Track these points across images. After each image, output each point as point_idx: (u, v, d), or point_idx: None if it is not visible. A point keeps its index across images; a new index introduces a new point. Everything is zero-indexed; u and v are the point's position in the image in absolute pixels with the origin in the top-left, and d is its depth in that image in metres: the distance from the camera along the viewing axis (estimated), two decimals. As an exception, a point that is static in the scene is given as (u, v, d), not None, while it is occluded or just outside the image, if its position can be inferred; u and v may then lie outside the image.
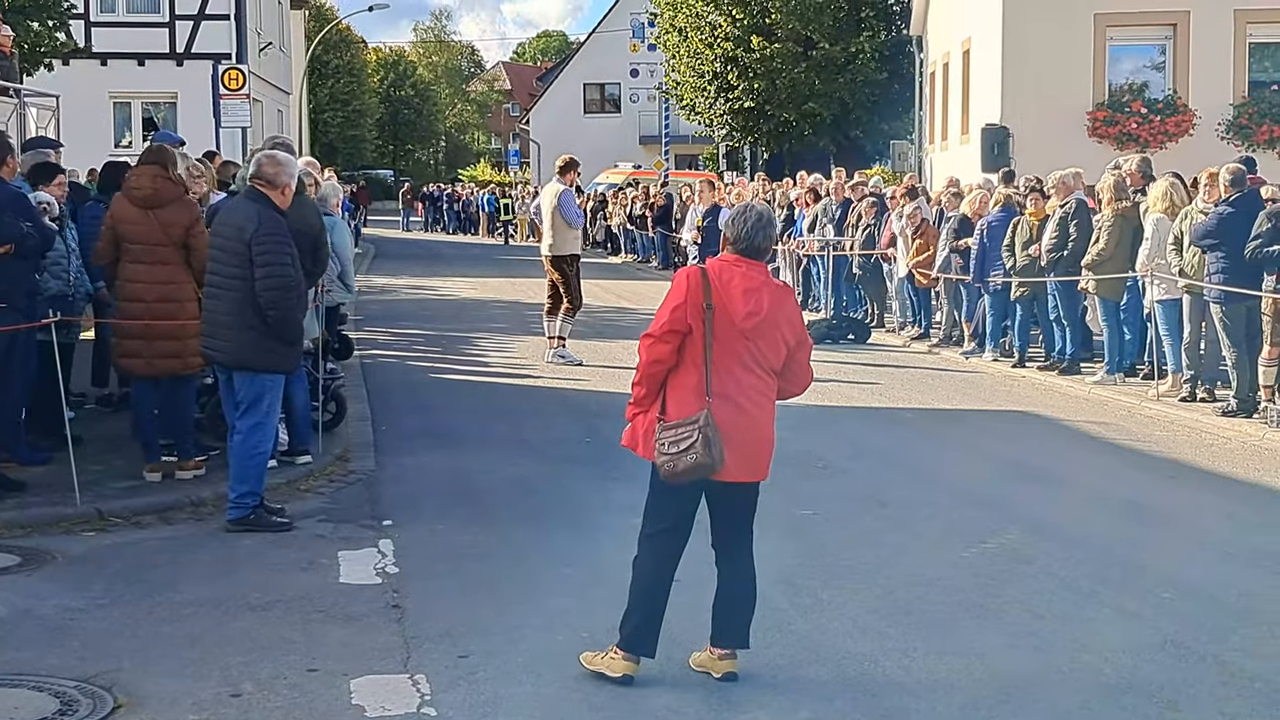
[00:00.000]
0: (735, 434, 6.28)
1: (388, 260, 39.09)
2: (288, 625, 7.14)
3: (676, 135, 59.79)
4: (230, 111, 28.16)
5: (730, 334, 6.28)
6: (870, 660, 6.66)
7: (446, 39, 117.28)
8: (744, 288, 6.30)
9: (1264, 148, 24.09)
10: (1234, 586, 7.97)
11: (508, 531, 9.18)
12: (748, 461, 6.39)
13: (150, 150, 10.36)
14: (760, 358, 6.37)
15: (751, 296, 6.29)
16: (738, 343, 6.30)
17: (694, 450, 6.17)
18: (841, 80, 38.29)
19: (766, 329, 6.34)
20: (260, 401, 9.01)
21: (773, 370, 6.45)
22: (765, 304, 6.30)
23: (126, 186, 10.17)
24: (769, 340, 6.37)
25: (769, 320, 6.33)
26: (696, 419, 6.19)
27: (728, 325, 6.27)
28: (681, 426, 6.22)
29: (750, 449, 6.38)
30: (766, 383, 6.44)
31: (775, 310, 6.35)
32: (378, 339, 19.98)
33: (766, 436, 6.49)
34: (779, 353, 6.43)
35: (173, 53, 33.85)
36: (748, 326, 6.28)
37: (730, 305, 6.26)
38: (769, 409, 6.49)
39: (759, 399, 6.41)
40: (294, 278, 8.92)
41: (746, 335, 6.30)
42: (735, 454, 6.28)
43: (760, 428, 6.43)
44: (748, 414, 6.35)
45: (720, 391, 6.27)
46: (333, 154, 71.84)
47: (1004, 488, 10.76)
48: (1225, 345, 13.22)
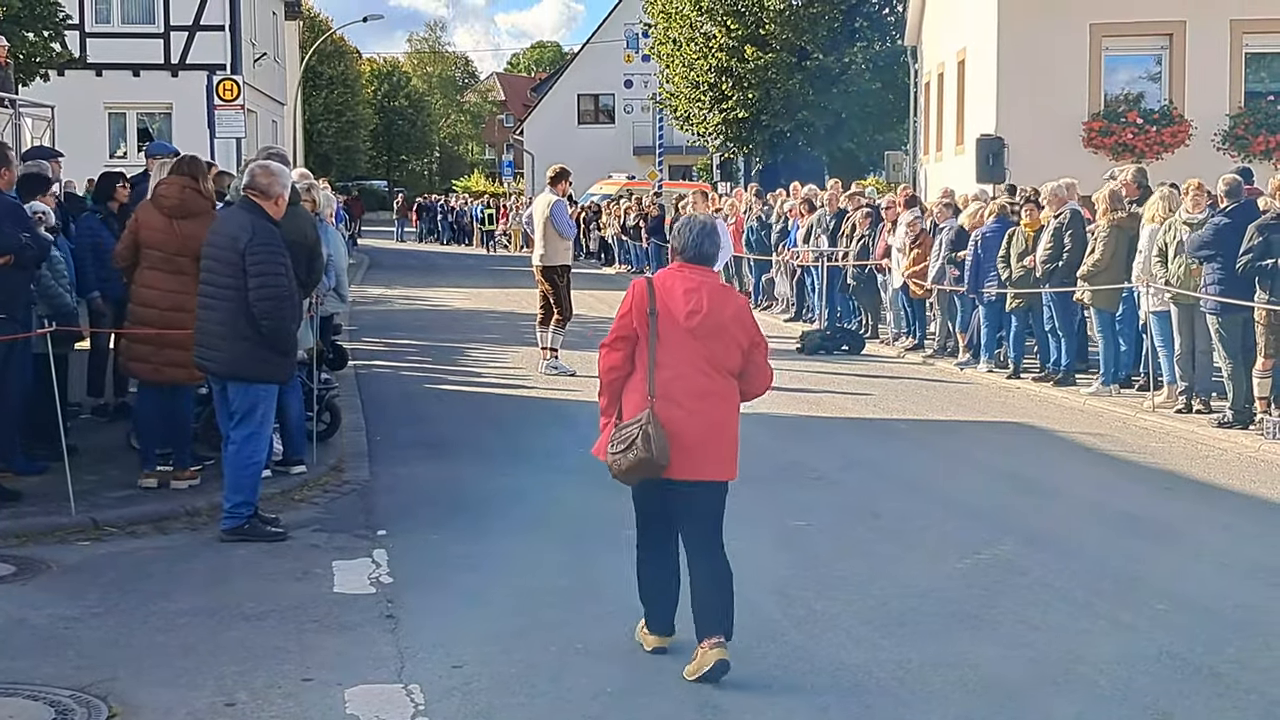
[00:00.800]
0: (685, 434, 6.50)
1: (382, 271, 39.09)
2: (282, 635, 7.13)
3: (670, 146, 59.78)
4: (225, 122, 28.23)
5: (678, 336, 6.54)
6: (865, 671, 6.65)
7: (441, 50, 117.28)
8: (684, 289, 6.58)
9: (1260, 158, 24.15)
10: (1230, 598, 7.96)
11: (502, 542, 9.16)
12: (700, 461, 6.58)
13: (183, 161, 10.38)
14: (714, 360, 6.59)
15: (692, 296, 6.55)
16: (687, 345, 6.54)
17: (635, 448, 6.42)
18: (836, 91, 38.31)
19: (715, 330, 6.56)
20: (254, 412, 9.01)
21: (730, 372, 6.65)
22: (705, 302, 6.54)
23: (155, 194, 10.22)
24: (722, 342, 6.58)
25: (714, 320, 6.55)
26: (639, 418, 6.47)
27: (673, 327, 6.54)
28: (627, 426, 6.50)
29: (701, 449, 6.57)
30: (723, 384, 6.64)
31: (718, 309, 6.57)
32: (372, 349, 19.97)
33: (724, 437, 6.66)
34: (734, 355, 6.63)
35: (167, 63, 33.91)
36: (692, 325, 6.52)
37: (673, 306, 6.54)
38: (726, 410, 6.66)
39: (714, 400, 6.61)
40: (287, 288, 8.92)
41: (695, 336, 6.54)
42: (686, 453, 6.50)
43: (714, 428, 6.61)
44: (699, 415, 6.55)
45: (666, 393, 6.51)
46: (327, 164, 71.81)
47: (998, 499, 10.75)
48: (1221, 356, 13.24)
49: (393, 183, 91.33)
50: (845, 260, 20.89)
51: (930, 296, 18.74)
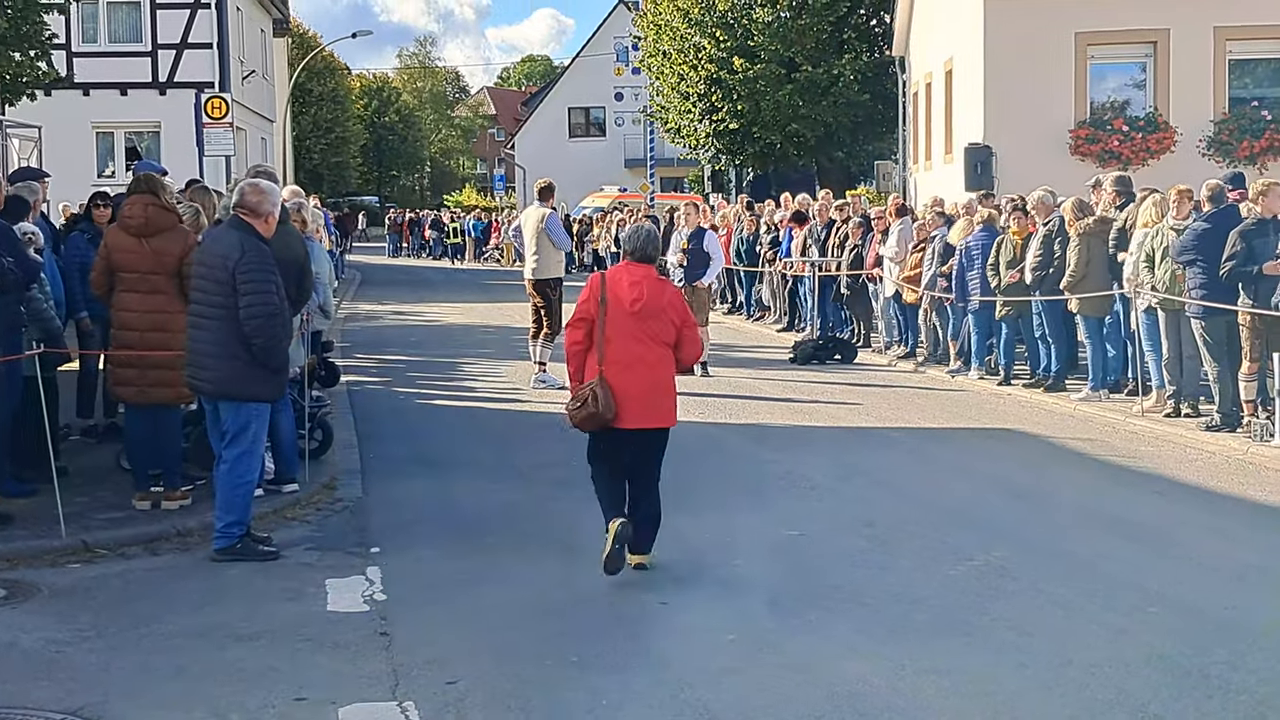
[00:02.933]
0: (630, 391, 8.46)
1: (374, 287, 39.08)
2: (275, 654, 7.13)
3: (662, 158, 59.88)
4: (213, 140, 28.23)
5: (623, 317, 8.51)
6: (860, 680, 6.66)
7: (431, 65, 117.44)
8: (629, 281, 8.60)
9: (1245, 163, 24.16)
10: (1220, 600, 7.99)
11: (496, 557, 9.17)
12: (645, 411, 8.55)
13: (140, 179, 10.37)
14: (653, 334, 8.55)
15: (636, 287, 8.56)
16: (630, 324, 8.51)
17: (587, 405, 8.43)
18: (825, 102, 38.35)
19: (654, 312, 8.55)
20: (246, 430, 9.01)
21: (666, 344, 8.61)
22: (645, 292, 8.55)
23: (121, 216, 10.20)
24: (659, 321, 8.57)
25: (653, 305, 8.55)
26: (591, 383, 8.46)
27: (620, 311, 8.52)
28: (582, 389, 8.49)
29: (645, 402, 8.52)
30: (661, 353, 8.61)
31: (656, 297, 8.58)
32: (364, 365, 19.96)
33: (663, 394, 8.64)
34: (669, 331, 8.60)
35: (155, 82, 33.91)
36: (635, 310, 8.50)
37: (620, 294, 8.53)
38: (664, 373, 8.64)
39: (655, 366, 8.57)
40: (278, 306, 8.93)
41: (638, 318, 8.51)
42: (632, 406, 8.47)
43: (655, 385, 8.58)
44: (642, 376, 8.51)
45: (614, 360, 8.46)
46: (317, 181, 71.78)
47: (990, 505, 10.78)
48: (1207, 360, 13.28)
49: (384, 199, 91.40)
50: (838, 270, 20.92)
51: (924, 303, 18.74)
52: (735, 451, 13.26)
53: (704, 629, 7.51)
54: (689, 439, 13.73)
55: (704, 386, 17.17)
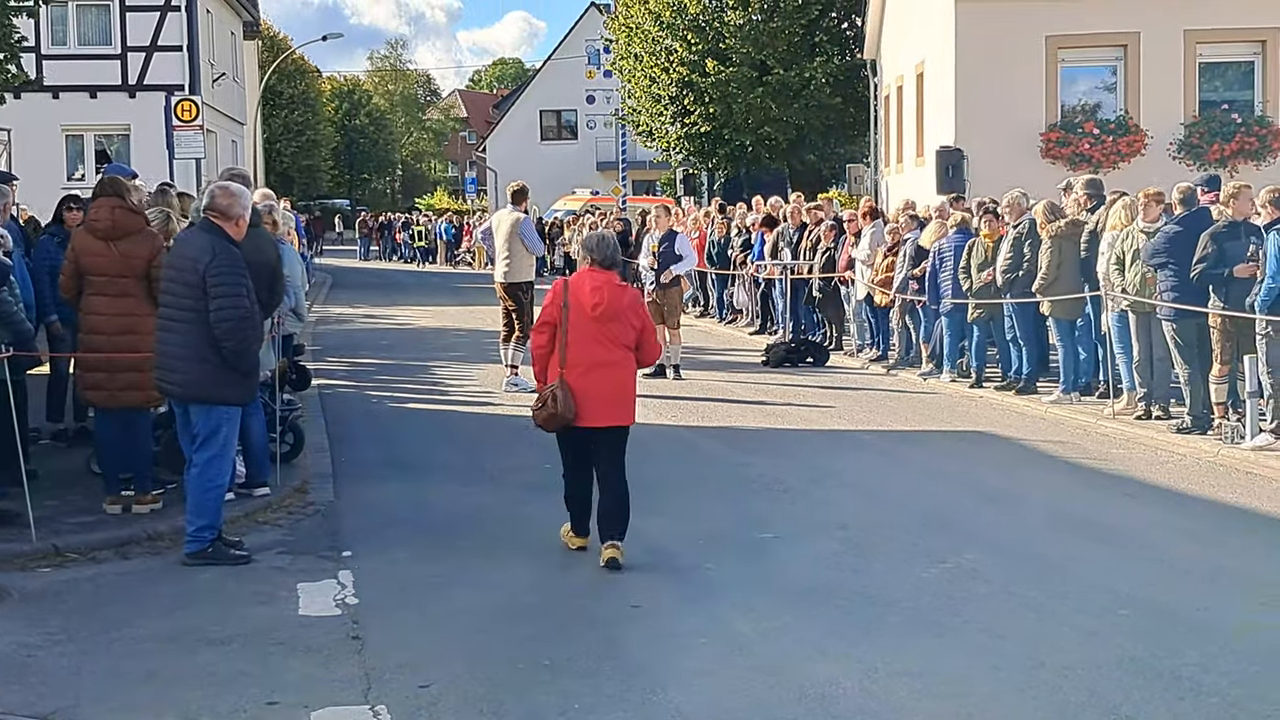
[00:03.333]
0: (591, 392, 8.82)
1: (345, 290, 38.97)
2: (247, 658, 7.10)
3: (634, 161, 59.90)
4: (183, 143, 28.10)
5: (585, 321, 8.88)
6: (832, 682, 6.67)
7: (402, 68, 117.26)
8: (591, 287, 8.94)
9: (1215, 166, 24.30)
10: (1190, 602, 8.02)
11: (468, 560, 9.15)
12: (606, 410, 8.90)
13: (104, 183, 10.32)
14: (614, 337, 8.92)
15: (597, 293, 8.91)
16: (592, 327, 8.87)
17: (548, 405, 8.81)
18: (797, 105, 38.42)
19: (614, 316, 8.92)
20: (217, 434, 8.97)
21: (627, 347, 8.98)
22: (606, 296, 8.90)
23: (87, 219, 10.14)
24: (620, 325, 8.94)
25: (613, 309, 8.91)
26: (552, 385, 8.85)
27: (582, 315, 8.88)
28: (544, 390, 8.91)
29: (606, 401, 8.88)
30: (622, 356, 8.97)
31: (616, 301, 8.94)
32: (335, 369, 19.91)
33: (624, 394, 9.01)
34: (629, 334, 8.98)
35: (125, 84, 33.70)
36: (597, 314, 8.87)
37: (583, 300, 8.89)
38: (625, 374, 9.01)
39: (616, 368, 8.92)
40: (249, 309, 8.89)
41: (599, 321, 8.88)
42: (593, 406, 8.83)
43: (616, 386, 8.95)
44: (603, 377, 8.86)
45: (575, 362, 8.84)
46: (288, 184, 71.56)
47: (962, 508, 10.81)
48: (1178, 362, 13.35)
49: (355, 201, 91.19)
50: (811, 273, 20.96)
51: (895, 306, 18.78)
52: (708, 454, 13.26)
53: (676, 632, 7.51)
54: (661, 442, 13.76)
55: (676, 390, 17.18)
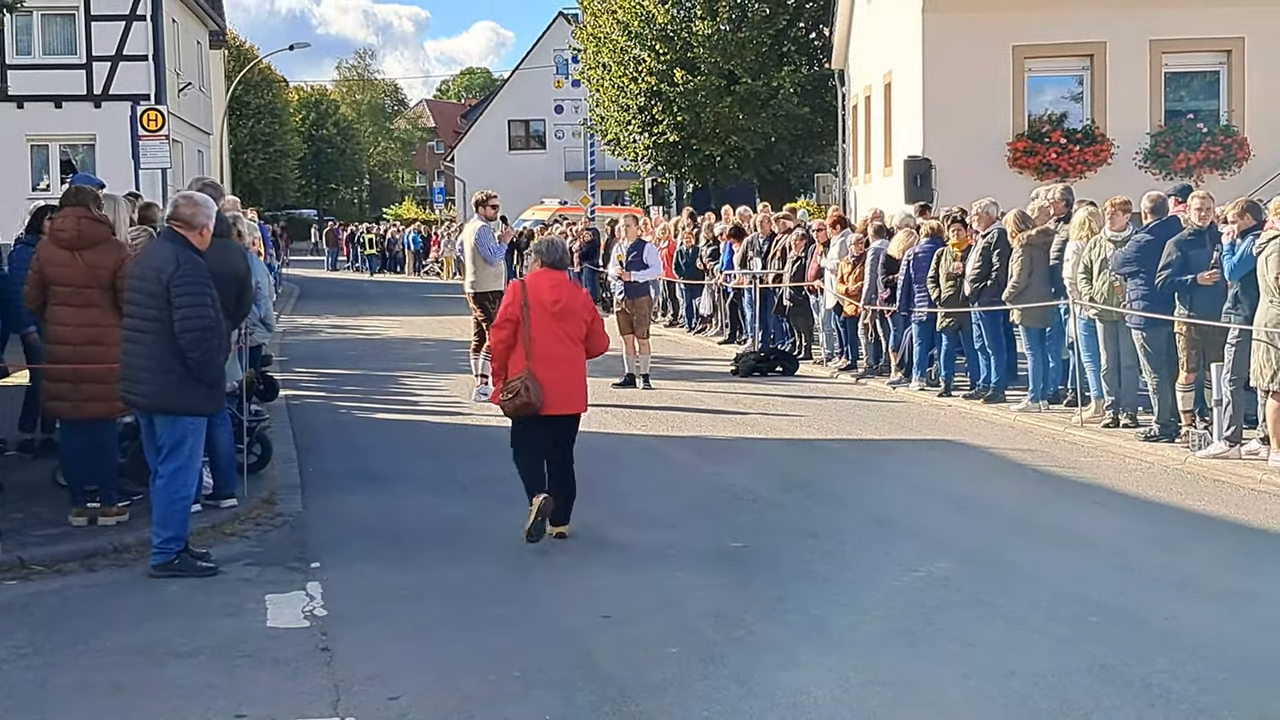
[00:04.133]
0: (552, 384, 9.72)
1: (313, 300, 38.84)
2: (214, 671, 7.05)
3: (602, 171, 59.87)
4: (149, 152, 27.96)
5: (545, 319, 9.78)
6: (802, 691, 6.65)
7: (369, 77, 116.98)
8: (549, 285, 9.94)
9: (1181, 176, 24.46)
10: (1159, 609, 8.05)
11: (438, 571, 9.12)
12: (565, 399, 9.84)
13: (71, 192, 10.25)
14: (569, 333, 9.87)
15: (556, 290, 9.92)
16: (551, 324, 9.78)
17: (519, 395, 9.68)
18: (765, 114, 38.52)
19: (569, 313, 9.88)
20: (182, 445, 8.91)
21: (579, 341, 9.93)
22: (563, 294, 9.92)
23: (52, 229, 10.07)
24: (572, 321, 9.90)
25: (569, 306, 9.90)
26: (522, 375, 9.69)
27: (542, 313, 9.78)
28: (513, 381, 9.74)
29: (564, 392, 9.82)
30: (576, 350, 9.94)
31: (571, 299, 9.98)
32: (303, 380, 19.83)
33: (578, 384, 9.97)
34: (581, 329, 9.94)
35: (90, 94, 33.51)
36: (556, 310, 9.80)
37: (542, 298, 9.82)
38: (578, 367, 9.98)
39: (570, 360, 9.89)
40: (214, 319, 8.83)
41: (557, 318, 9.80)
42: (553, 396, 9.73)
43: (571, 378, 9.89)
44: (561, 371, 9.80)
45: (539, 357, 9.73)
46: (254, 194, 71.32)
47: (932, 516, 10.82)
48: (1146, 371, 13.41)
49: (322, 211, 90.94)
50: (780, 282, 20.98)
51: (865, 316, 18.80)
52: (678, 464, 13.25)
53: (646, 642, 7.48)
54: (631, 451, 13.77)
55: (646, 399, 17.16)
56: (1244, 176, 24.74)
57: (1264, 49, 25.51)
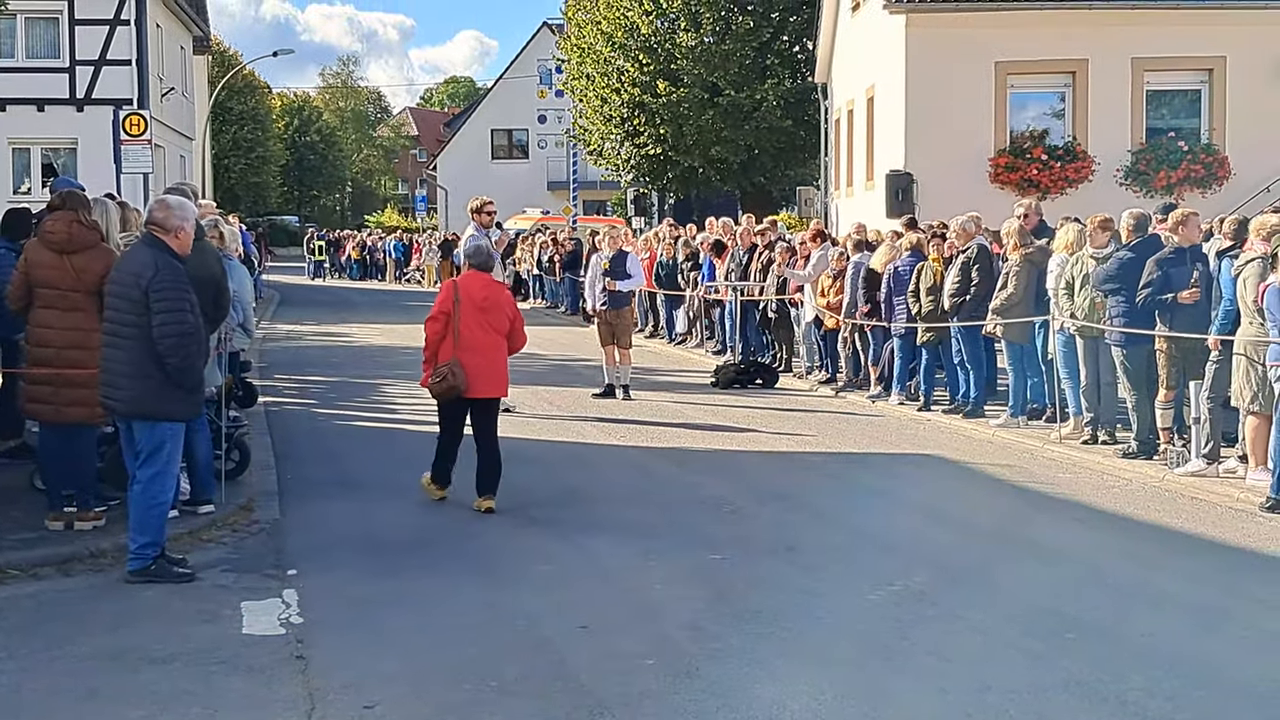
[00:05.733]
0: (477, 370, 11.07)
1: (293, 307, 38.74)
2: (189, 678, 7.01)
3: (584, 181, 59.93)
4: (131, 157, 27.87)
5: (472, 313, 11.14)
6: (778, 705, 6.65)
7: (353, 84, 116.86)
8: (478, 284, 11.40)
9: (1161, 193, 24.57)
10: (1135, 626, 8.06)
11: (414, 580, 9.09)
12: (485, 383, 11.15)
13: (63, 196, 10.21)
14: (493, 325, 11.23)
15: (483, 290, 11.35)
16: (477, 317, 11.15)
17: (446, 380, 11.03)
18: (748, 127, 38.58)
19: (494, 308, 11.27)
20: (161, 451, 8.88)
21: (502, 332, 11.26)
22: (490, 292, 11.37)
23: (42, 232, 10.02)
24: (496, 316, 11.25)
25: (493, 302, 11.31)
26: (450, 363, 11.03)
27: (471, 307, 11.15)
28: (442, 367, 11.08)
29: (487, 377, 11.15)
30: (498, 341, 11.26)
31: (495, 296, 11.42)
32: (283, 386, 19.77)
33: (499, 371, 11.29)
34: (504, 324, 11.29)
35: (73, 98, 33.41)
36: (484, 305, 11.20)
37: (473, 295, 11.23)
38: (500, 356, 11.30)
39: (493, 349, 11.22)
40: (193, 325, 8.80)
41: (483, 311, 11.18)
42: (478, 381, 11.08)
43: (494, 365, 11.22)
44: (486, 357, 11.16)
45: (465, 346, 11.07)
46: (236, 200, 71.15)
47: (910, 530, 10.83)
48: (1126, 388, 13.45)
49: (304, 218, 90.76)
50: (764, 294, 21.01)
51: (845, 330, 18.81)
52: (657, 475, 13.24)
53: (623, 653, 7.47)
54: (611, 463, 13.76)
55: (625, 411, 17.16)
56: (1225, 195, 24.89)
57: (1245, 68, 25.66)
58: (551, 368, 21.56)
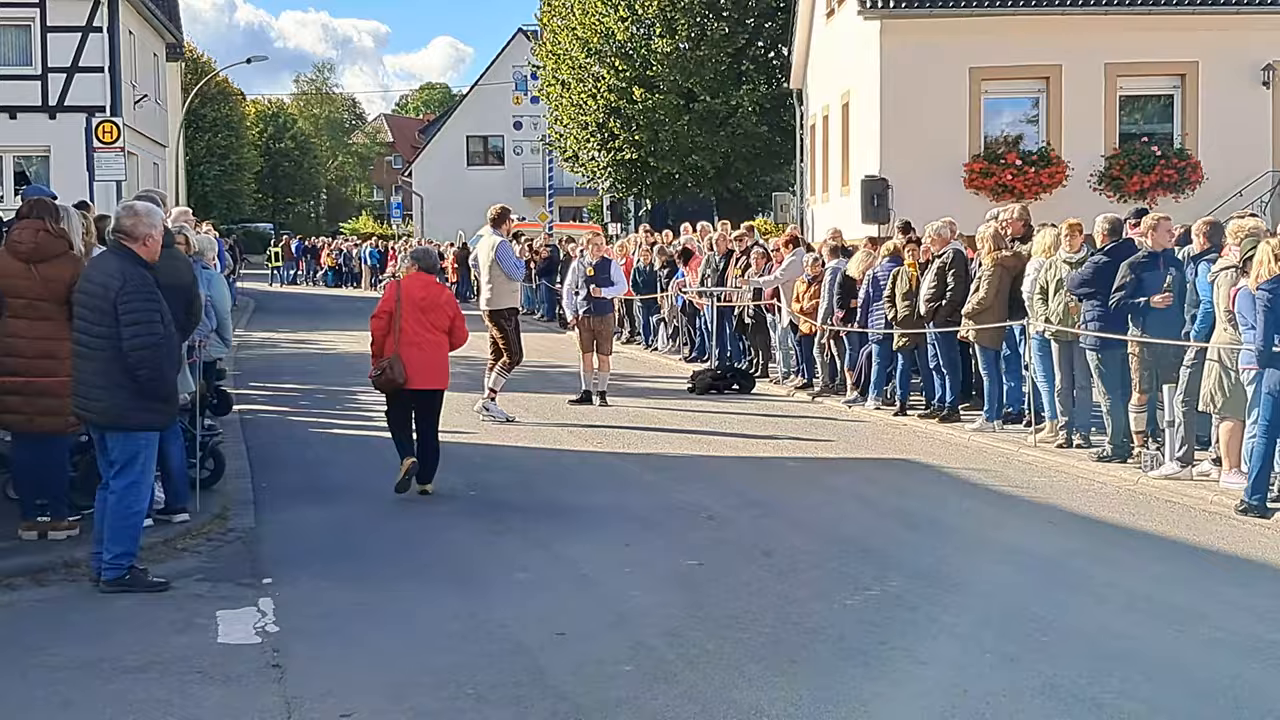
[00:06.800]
0: (418, 364, 11.88)
1: (268, 315, 38.64)
2: (165, 687, 6.99)
3: (560, 187, 59.97)
4: (104, 164, 27.80)
5: (413, 311, 11.99)
6: (756, 710, 6.65)
7: (328, 91, 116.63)
8: (420, 285, 12.22)
9: (1135, 198, 24.69)
10: (1110, 629, 8.09)
11: (391, 587, 9.07)
12: (425, 376, 11.95)
13: (31, 204, 10.16)
14: (434, 323, 12.03)
15: (424, 290, 12.16)
16: (418, 315, 11.98)
17: (386, 373, 11.88)
18: (723, 132, 38.64)
19: (434, 307, 12.08)
20: (135, 461, 8.84)
21: (443, 330, 12.08)
22: (431, 291, 12.21)
23: (9, 241, 9.96)
24: (437, 314, 12.08)
25: (434, 301, 12.13)
26: (390, 358, 11.88)
27: (412, 306, 12.01)
28: (383, 361, 11.94)
29: (428, 371, 11.97)
30: (440, 338, 12.08)
31: (436, 296, 12.23)
32: (258, 394, 19.72)
33: (440, 365, 12.11)
34: (445, 321, 12.11)
35: (45, 105, 33.25)
36: (424, 305, 12.03)
37: (414, 294, 12.08)
38: (441, 351, 12.10)
39: (433, 345, 12.03)
40: (162, 334, 8.75)
41: (423, 310, 12.01)
42: (418, 374, 11.87)
43: (435, 360, 12.04)
44: (425, 352, 11.96)
45: (406, 342, 11.91)
46: (210, 207, 70.91)
47: (887, 535, 10.85)
48: (1100, 392, 13.50)
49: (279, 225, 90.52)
50: (740, 300, 21.03)
51: (823, 337, 18.84)
52: (634, 481, 13.24)
53: (601, 659, 7.46)
54: (587, 469, 13.75)
55: (602, 417, 17.16)
56: (1197, 199, 25.03)
57: (1217, 73, 25.83)
58: (528, 374, 21.51)
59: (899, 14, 26.05)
